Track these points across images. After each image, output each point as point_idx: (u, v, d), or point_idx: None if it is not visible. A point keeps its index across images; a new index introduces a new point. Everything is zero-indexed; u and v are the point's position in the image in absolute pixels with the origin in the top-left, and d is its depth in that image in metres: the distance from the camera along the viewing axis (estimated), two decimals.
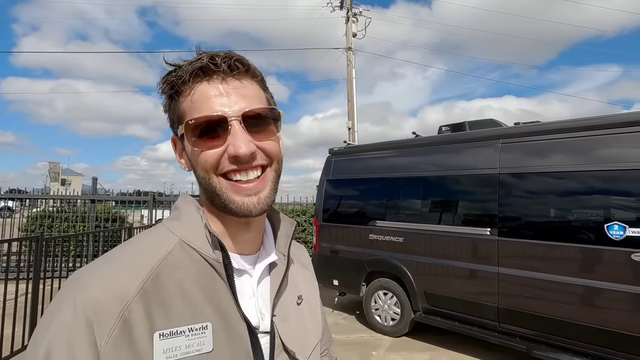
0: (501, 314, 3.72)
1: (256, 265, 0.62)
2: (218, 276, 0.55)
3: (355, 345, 4.39)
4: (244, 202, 0.55)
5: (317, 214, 5.70)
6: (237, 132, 0.53)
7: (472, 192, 4.13)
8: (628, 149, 3.18)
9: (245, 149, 0.53)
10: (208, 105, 0.54)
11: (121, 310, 0.48)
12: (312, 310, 0.70)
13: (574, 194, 3.41)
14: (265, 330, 0.59)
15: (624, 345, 3.04)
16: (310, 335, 0.66)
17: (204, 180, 0.56)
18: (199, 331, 0.51)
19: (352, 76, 11.32)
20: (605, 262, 3.15)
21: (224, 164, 0.54)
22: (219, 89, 0.55)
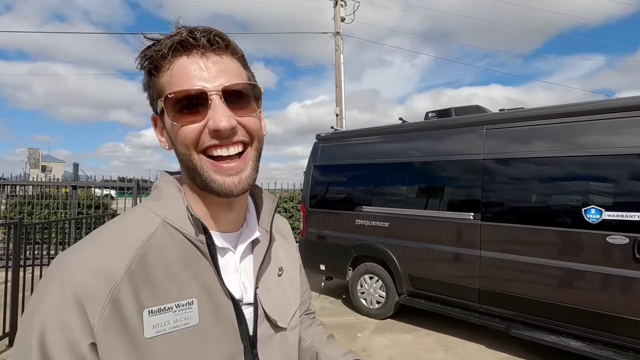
0: (482, 295, 3.84)
1: (239, 242, 0.64)
2: (202, 255, 0.57)
3: (342, 328, 4.48)
4: (225, 181, 0.55)
5: (304, 199, 5.71)
6: (217, 107, 0.53)
7: (456, 178, 4.19)
8: (607, 136, 3.26)
9: (226, 122, 0.53)
10: (188, 80, 0.53)
11: (110, 291, 0.50)
12: (291, 279, 0.74)
13: (554, 179, 3.50)
14: (248, 302, 0.62)
15: (597, 323, 3.18)
16: (290, 304, 0.70)
17: (185, 157, 0.56)
18: (185, 307, 0.53)
19: (340, 62, 11.20)
20: (583, 244, 3.26)
21: (205, 139, 0.54)
22: (199, 63, 0.54)
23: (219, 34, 0.56)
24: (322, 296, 5.72)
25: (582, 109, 3.45)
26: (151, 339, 0.51)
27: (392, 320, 4.67)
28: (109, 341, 0.48)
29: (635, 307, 3.01)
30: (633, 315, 3.01)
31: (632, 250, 3.00)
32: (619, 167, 3.19)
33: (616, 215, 3.11)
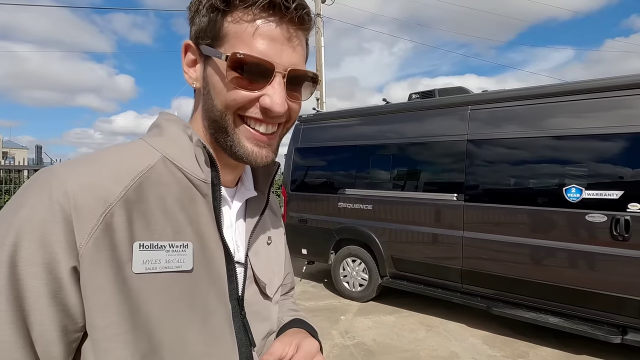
0: (464, 275, 3.87)
1: (235, 198, 0.62)
2: (201, 198, 0.54)
3: (324, 311, 4.44)
4: (253, 151, 0.54)
5: (285, 183, 5.57)
6: (278, 86, 0.51)
7: (440, 159, 4.17)
8: (588, 116, 3.28)
9: (281, 107, 0.51)
10: (264, 48, 0.50)
11: (103, 211, 0.45)
12: (278, 253, 0.72)
13: (537, 160, 3.51)
14: (239, 260, 0.59)
15: (575, 300, 3.26)
16: (275, 276, 0.67)
17: (219, 113, 0.52)
18: (179, 249, 0.50)
19: (320, 44, 10.95)
20: (563, 223, 3.31)
21: (251, 110, 0.52)
22: (282, 36, 0.51)
23: (309, 11, 0.53)
24: (304, 280, 5.66)
25: (565, 89, 3.47)
26: (139, 276, 0.46)
27: (375, 302, 4.67)
28: (95, 266, 0.44)
29: (610, 283, 3.10)
30: (608, 290, 3.10)
31: (609, 228, 3.07)
32: (600, 147, 3.23)
33: (595, 194, 3.17)
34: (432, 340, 3.67)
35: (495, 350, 3.45)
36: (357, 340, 3.68)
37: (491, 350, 3.45)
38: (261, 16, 0.49)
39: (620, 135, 3.14)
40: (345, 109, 5.39)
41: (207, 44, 0.52)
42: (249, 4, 0.49)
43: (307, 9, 0.52)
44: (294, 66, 0.51)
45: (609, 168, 3.19)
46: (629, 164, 3.10)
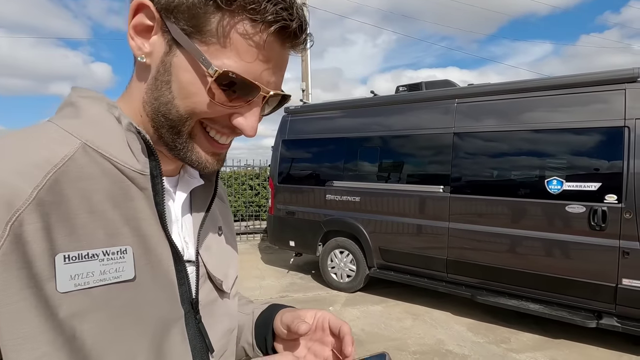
0: (449, 265, 3.97)
1: (178, 189, 0.54)
2: (139, 193, 0.45)
3: (313, 302, 4.48)
4: (207, 160, 0.49)
5: (272, 175, 5.54)
6: (256, 109, 0.47)
7: (427, 151, 4.23)
8: (568, 110, 3.39)
9: (254, 131, 0.48)
10: (258, 70, 0.44)
11: (9, 220, 0.36)
12: (230, 243, 0.65)
13: (521, 152, 3.62)
14: (189, 259, 0.52)
15: (555, 287, 3.41)
16: (231, 268, 0.62)
17: (179, 117, 0.45)
18: (116, 256, 0.42)
19: None
20: (545, 214, 3.44)
21: (220, 123, 0.47)
22: (280, 60, 0.46)
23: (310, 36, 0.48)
24: (292, 272, 5.68)
25: (548, 83, 3.56)
26: (67, 295, 0.38)
27: (362, 292, 4.74)
28: (6, 291, 0.35)
29: (587, 271, 3.25)
30: (585, 278, 3.26)
31: (587, 219, 3.21)
32: (579, 141, 3.35)
33: (575, 186, 3.30)
34: (418, 329, 3.77)
35: (479, 337, 3.58)
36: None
37: (475, 337, 3.58)
38: (268, 33, 0.42)
39: (597, 130, 3.26)
40: (333, 101, 5.38)
41: (184, 30, 0.42)
42: (258, 20, 0.41)
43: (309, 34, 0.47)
44: (277, 89, 0.47)
45: (587, 161, 3.32)
46: (605, 157, 3.23)
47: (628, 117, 3.10)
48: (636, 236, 3.03)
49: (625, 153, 3.09)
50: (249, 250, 7.30)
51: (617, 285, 3.11)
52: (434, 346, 3.41)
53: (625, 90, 3.13)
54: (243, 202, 8.87)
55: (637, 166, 3.04)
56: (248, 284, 5.15)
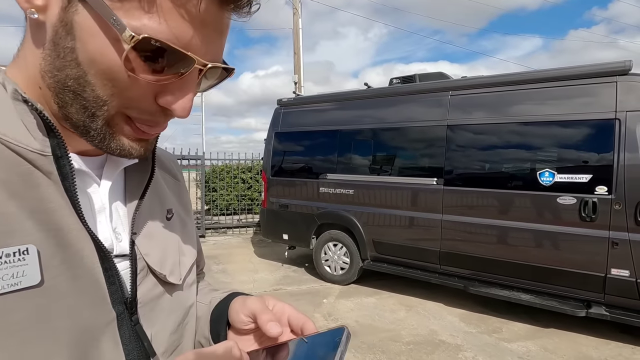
0: (442, 257, 4.00)
1: (105, 171, 0.46)
2: (43, 177, 0.37)
3: (306, 295, 4.48)
4: (130, 146, 0.40)
5: (265, 168, 5.50)
6: (191, 85, 0.38)
7: (421, 144, 4.23)
8: (560, 103, 3.42)
9: (188, 112, 0.39)
10: (191, 36, 0.35)
11: None
12: (185, 226, 0.57)
13: (514, 145, 3.64)
14: (122, 253, 0.45)
15: (545, 277, 3.46)
16: (184, 255, 0.54)
17: (93, 93, 0.35)
18: (13, 258, 0.34)
19: (298, 26, 10.69)
20: (537, 206, 3.47)
21: (143, 103, 0.38)
22: (219, 25, 0.37)
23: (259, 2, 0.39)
24: (286, 265, 5.67)
25: (541, 76, 3.58)
26: None
27: (356, 285, 4.76)
28: None
29: (577, 261, 3.30)
30: (575, 268, 3.31)
31: (578, 210, 3.25)
32: (571, 134, 3.38)
33: (566, 177, 3.33)
34: (412, 320, 3.80)
35: (471, 327, 3.63)
36: (340, 322, 3.75)
37: (467, 327, 3.62)
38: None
39: (588, 122, 3.30)
40: (326, 93, 5.34)
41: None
42: None
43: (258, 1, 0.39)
44: (216, 61, 0.39)
45: (578, 153, 3.35)
46: (596, 149, 3.27)
47: (619, 109, 3.13)
48: (625, 227, 3.08)
49: (616, 145, 3.13)
50: (241, 244, 7.27)
51: (606, 275, 3.17)
52: (427, 337, 3.44)
53: (617, 82, 3.16)
54: (235, 195, 8.80)
55: (628, 158, 3.09)
56: (241, 278, 5.13)
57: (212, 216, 8.73)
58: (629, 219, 3.06)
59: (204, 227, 7.89)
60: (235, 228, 8.32)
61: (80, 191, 0.40)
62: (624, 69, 3.15)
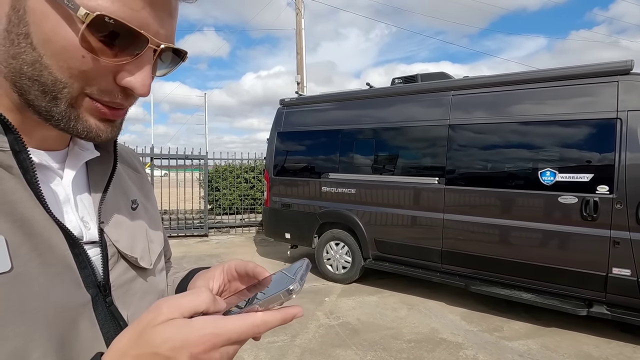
0: (444, 256, 4.02)
1: (67, 165, 0.47)
2: (3, 171, 0.38)
3: (309, 294, 4.51)
4: (98, 126, 0.41)
5: (267, 168, 5.54)
6: (147, 64, 0.40)
7: (423, 143, 4.25)
8: (562, 103, 3.42)
9: (147, 89, 0.40)
10: (144, 13, 0.37)
11: None
12: (150, 216, 0.59)
13: (515, 144, 3.65)
14: (92, 240, 0.46)
15: (547, 276, 3.46)
16: (153, 242, 0.56)
17: (51, 76, 0.36)
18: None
19: (301, 27, 10.73)
20: (538, 205, 3.48)
21: (104, 84, 0.39)
22: (169, 7, 0.40)
23: None
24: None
25: (542, 75, 3.59)
26: None
27: (357, 284, 4.78)
28: None
29: (579, 260, 3.31)
30: (576, 267, 3.32)
31: (579, 209, 3.26)
32: (572, 133, 3.39)
33: (568, 177, 3.34)
34: (413, 318, 3.82)
35: (472, 326, 3.64)
36: (341, 320, 3.78)
37: (469, 326, 3.64)
38: None
39: (590, 122, 3.30)
40: (329, 93, 5.36)
41: None
42: None
43: None
44: (169, 41, 0.41)
45: (580, 153, 3.36)
46: (597, 149, 3.28)
47: (620, 109, 3.14)
48: (626, 226, 3.09)
49: (617, 145, 3.13)
50: (244, 243, 7.31)
51: (607, 274, 3.17)
52: (428, 335, 3.46)
53: (618, 82, 3.16)
54: (238, 195, 8.85)
55: (629, 158, 3.09)
56: None
57: (215, 215, 8.78)
58: (630, 218, 3.07)
59: (207, 226, 7.94)
60: (238, 227, 8.36)
61: (43, 184, 0.41)
62: (626, 69, 3.15)
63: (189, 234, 7.78)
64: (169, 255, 0.73)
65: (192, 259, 5.94)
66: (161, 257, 0.58)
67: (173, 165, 8.09)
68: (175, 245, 6.72)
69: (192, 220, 8.32)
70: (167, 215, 8.10)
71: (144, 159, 7.32)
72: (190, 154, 7.71)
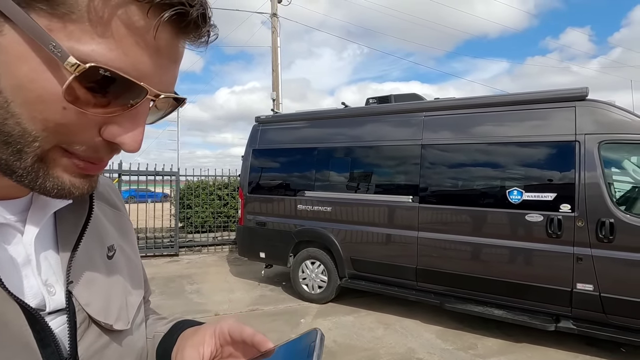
0: (419, 274, 4.05)
1: (30, 216, 0.39)
2: None
3: (284, 315, 4.40)
4: (72, 183, 0.35)
5: (242, 185, 5.45)
6: (142, 117, 0.35)
7: (397, 162, 4.34)
8: (528, 125, 3.62)
9: (138, 146, 0.35)
10: (146, 65, 0.32)
11: None
12: (130, 261, 0.53)
13: (485, 164, 3.80)
14: (58, 307, 0.40)
15: (517, 292, 3.56)
16: (131, 294, 0.50)
17: (18, 127, 0.30)
18: None
19: (277, 44, 10.86)
20: (507, 223, 3.61)
21: (84, 137, 0.33)
22: (173, 53, 0.35)
23: (213, 28, 0.36)
24: (262, 284, 5.56)
25: (510, 99, 3.80)
26: None
27: (333, 303, 4.72)
28: None
29: (545, 276, 3.43)
30: (544, 283, 3.44)
31: (545, 227, 3.41)
32: (538, 154, 3.58)
33: (534, 196, 3.50)
34: (390, 338, 3.80)
35: (447, 344, 3.66)
36: None
37: (444, 344, 3.66)
38: (160, 20, 0.31)
39: (552, 144, 3.50)
40: (305, 111, 5.41)
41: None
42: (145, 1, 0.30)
43: (215, 30, 0.37)
44: (168, 91, 0.36)
45: (544, 173, 3.54)
46: (559, 169, 3.47)
47: (578, 132, 3.35)
48: (588, 243, 3.25)
49: (577, 165, 3.33)
50: (217, 263, 7.07)
51: (572, 289, 3.31)
52: (405, 355, 3.44)
53: (576, 107, 3.39)
54: (211, 212, 8.62)
55: (588, 177, 3.29)
56: (216, 298, 4.98)
57: (186, 234, 8.48)
58: (591, 235, 3.23)
59: (178, 245, 7.64)
60: (211, 246, 8.11)
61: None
62: (582, 95, 3.39)
63: (158, 253, 7.44)
64: (147, 295, 0.65)
65: (161, 281, 5.67)
66: (141, 307, 0.52)
67: (142, 181, 7.78)
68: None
69: (161, 239, 7.99)
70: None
71: (111, 175, 7.01)
72: (162, 170, 7.47)
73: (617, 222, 3.15)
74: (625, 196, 3.44)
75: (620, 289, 3.13)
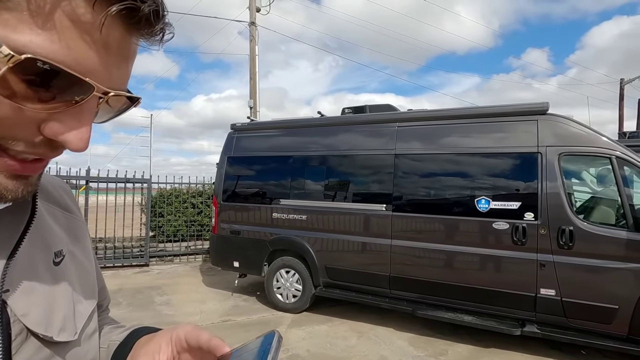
0: (392, 281, 4.10)
1: None
2: None
3: (257, 325, 4.32)
4: (6, 184, 0.33)
5: (216, 193, 5.36)
6: (88, 115, 0.33)
7: (371, 171, 4.41)
8: (495, 137, 3.78)
9: (85, 144, 0.33)
10: (93, 60, 0.30)
11: None
12: (81, 267, 0.49)
13: (455, 174, 3.93)
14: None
15: (485, 298, 3.67)
16: (81, 303, 0.46)
17: None
18: None
19: (255, 53, 10.87)
20: (476, 231, 3.73)
21: (22, 133, 0.31)
22: (124, 49, 0.33)
23: (169, 26, 0.35)
24: (236, 294, 5.44)
25: (479, 112, 3.96)
26: None
27: (308, 312, 4.68)
28: None
29: (511, 282, 3.56)
30: (509, 289, 3.56)
31: (510, 234, 3.54)
32: (503, 164, 3.73)
33: (500, 204, 3.64)
34: (363, 346, 3.80)
35: (419, 351, 3.70)
36: (291, 352, 3.65)
37: (416, 351, 3.70)
38: (106, 14, 0.30)
39: (516, 155, 3.67)
40: (281, 120, 5.42)
41: None
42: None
43: (171, 28, 0.35)
44: (121, 87, 0.35)
45: (509, 182, 3.70)
46: (523, 179, 3.63)
47: (540, 144, 3.54)
48: (550, 249, 3.40)
49: (539, 176, 3.50)
50: (189, 273, 6.88)
51: (536, 294, 3.44)
52: None
53: (538, 121, 3.58)
54: (184, 221, 8.40)
55: (549, 187, 3.46)
56: (187, 309, 4.83)
57: (157, 243, 8.20)
58: (553, 242, 3.39)
59: (148, 255, 7.38)
60: (183, 255, 7.88)
61: None
62: (543, 109, 3.58)
63: (127, 264, 7.15)
64: (106, 304, 0.63)
65: (129, 292, 5.44)
66: (92, 317, 0.49)
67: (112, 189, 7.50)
68: (109, 277, 6.13)
69: (130, 248, 7.69)
70: (102, 243, 7.40)
71: (78, 181, 6.72)
72: (132, 177, 7.24)
73: (576, 229, 3.32)
74: (583, 205, 3.65)
75: (580, 294, 3.29)
